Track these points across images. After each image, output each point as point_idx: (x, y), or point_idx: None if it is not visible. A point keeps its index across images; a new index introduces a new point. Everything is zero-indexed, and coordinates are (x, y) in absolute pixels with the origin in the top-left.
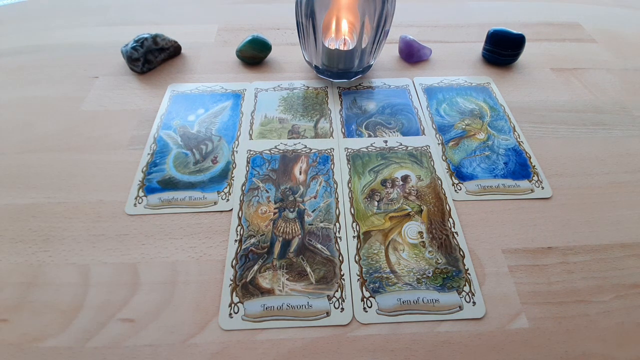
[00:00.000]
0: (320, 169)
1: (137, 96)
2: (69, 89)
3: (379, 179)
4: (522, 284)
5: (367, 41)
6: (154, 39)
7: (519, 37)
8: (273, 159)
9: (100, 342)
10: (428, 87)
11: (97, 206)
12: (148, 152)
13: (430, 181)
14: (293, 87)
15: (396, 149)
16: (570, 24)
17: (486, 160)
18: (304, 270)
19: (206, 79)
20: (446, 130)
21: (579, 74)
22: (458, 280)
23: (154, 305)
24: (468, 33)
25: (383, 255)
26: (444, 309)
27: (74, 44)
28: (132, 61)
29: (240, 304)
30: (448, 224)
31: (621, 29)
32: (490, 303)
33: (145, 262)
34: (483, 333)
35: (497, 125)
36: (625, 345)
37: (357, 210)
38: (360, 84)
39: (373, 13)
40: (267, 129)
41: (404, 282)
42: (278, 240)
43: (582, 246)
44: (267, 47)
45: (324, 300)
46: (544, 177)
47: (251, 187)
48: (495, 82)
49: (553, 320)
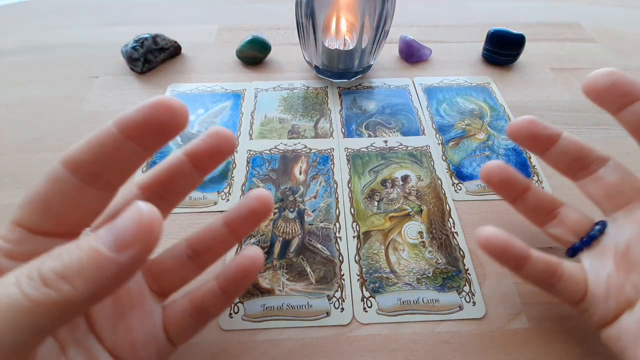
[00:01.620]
0: (320, 169)
1: (137, 96)
2: (69, 89)
3: (379, 179)
4: (522, 284)
5: (367, 41)
6: (154, 39)
7: (519, 37)
8: (273, 159)
9: None
10: (428, 87)
11: None
12: None
13: (430, 181)
14: (293, 87)
15: (396, 149)
16: (570, 24)
17: (486, 160)
18: (304, 270)
19: (206, 79)
20: (446, 130)
21: (579, 74)
22: (458, 280)
23: None
24: (468, 33)
25: (383, 255)
26: (444, 309)
27: (74, 44)
28: (132, 61)
29: (240, 304)
30: (448, 224)
31: (621, 29)
32: (490, 303)
33: None
34: (483, 333)
35: (497, 125)
36: None
37: (357, 210)
38: (360, 84)
39: (373, 13)
40: (267, 129)
41: (404, 282)
42: (278, 240)
43: None
44: (267, 47)
45: (324, 300)
46: (544, 177)
47: (251, 187)
48: (495, 82)
49: (553, 320)
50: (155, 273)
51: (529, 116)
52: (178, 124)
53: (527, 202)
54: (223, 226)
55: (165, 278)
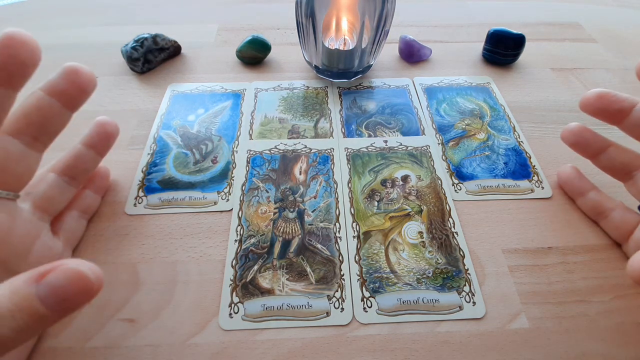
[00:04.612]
0: (320, 168)
1: (137, 96)
2: None
3: (379, 179)
4: (522, 284)
5: (367, 41)
6: (154, 38)
7: (519, 37)
8: (273, 159)
9: (100, 342)
10: (428, 87)
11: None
12: (148, 152)
13: (430, 181)
14: (293, 87)
15: (396, 148)
16: (570, 24)
17: (486, 160)
18: (304, 270)
19: (206, 79)
20: (446, 130)
21: (579, 74)
22: (458, 280)
23: (154, 305)
24: (468, 33)
25: (383, 255)
26: (444, 309)
27: (74, 44)
28: (132, 61)
29: (240, 304)
30: (448, 224)
31: (621, 29)
32: (490, 303)
33: (145, 262)
34: (483, 333)
35: (497, 125)
36: (625, 345)
37: (357, 210)
38: (360, 84)
39: (373, 13)
40: (267, 129)
41: (404, 282)
42: (278, 240)
43: (582, 246)
44: (267, 47)
45: (324, 300)
46: (544, 177)
47: (251, 187)
48: (495, 82)
49: (553, 320)
50: (45, 207)
51: (599, 90)
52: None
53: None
54: (87, 149)
55: (54, 205)
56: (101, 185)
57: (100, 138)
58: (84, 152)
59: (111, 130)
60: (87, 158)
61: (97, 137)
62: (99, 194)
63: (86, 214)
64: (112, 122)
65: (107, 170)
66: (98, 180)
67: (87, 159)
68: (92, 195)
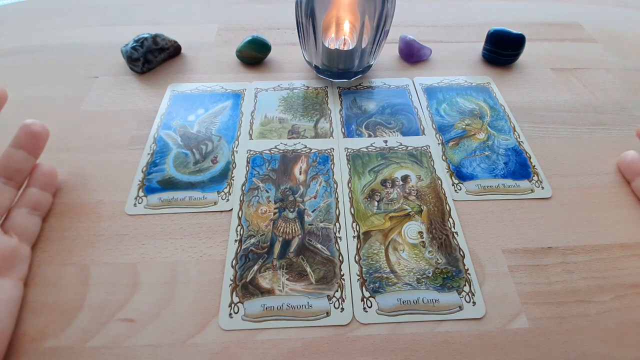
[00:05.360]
0: (320, 169)
1: (137, 96)
2: (69, 89)
3: (379, 179)
4: (522, 284)
5: (367, 41)
6: (154, 38)
7: (519, 37)
8: (273, 159)
9: (100, 342)
10: (428, 87)
11: (97, 206)
12: (148, 152)
13: (430, 181)
14: (293, 87)
15: (396, 149)
16: (570, 24)
17: (486, 160)
18: (304, 270)
19: (206, 79)
20: (446, 130)
21: (579, 74)
22: (458, 280)
23: (154, 305)
24: (468, 33)
25: (383, 255)
26: (444, 309)
27: (74, 44)
28: (132, 61)
29: (240, 304)
30: (448, 224)
31: (621, 29)
32: (490, 303)
33: (145, 262)
34: (483, 333)
35: (497, 125)
36: (625, 345)
37: (357, 210)
38: (360, 84)
39: (373, 13)
40: (267, 129)
41: (404, 282)
42: (278, 240)
43: (582, 246)
44: (266, 47)
45: (324, 300)
46: (544, 177)
47: (251, 187)
48: (495, 82)
49: (553, 320)
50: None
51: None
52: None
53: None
54: (16, 150)
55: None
56: (46, 182)
57: (27, 138)
58: (13, 152)
59: (37, 130)
60: (17, 158)
61: (24, 138)
62: (47, 191)
63: (37, 210)
64: (38, 123)
65: (51, 168)
66: (41, 178)
67: (18, 159)
68: (38, 192)
